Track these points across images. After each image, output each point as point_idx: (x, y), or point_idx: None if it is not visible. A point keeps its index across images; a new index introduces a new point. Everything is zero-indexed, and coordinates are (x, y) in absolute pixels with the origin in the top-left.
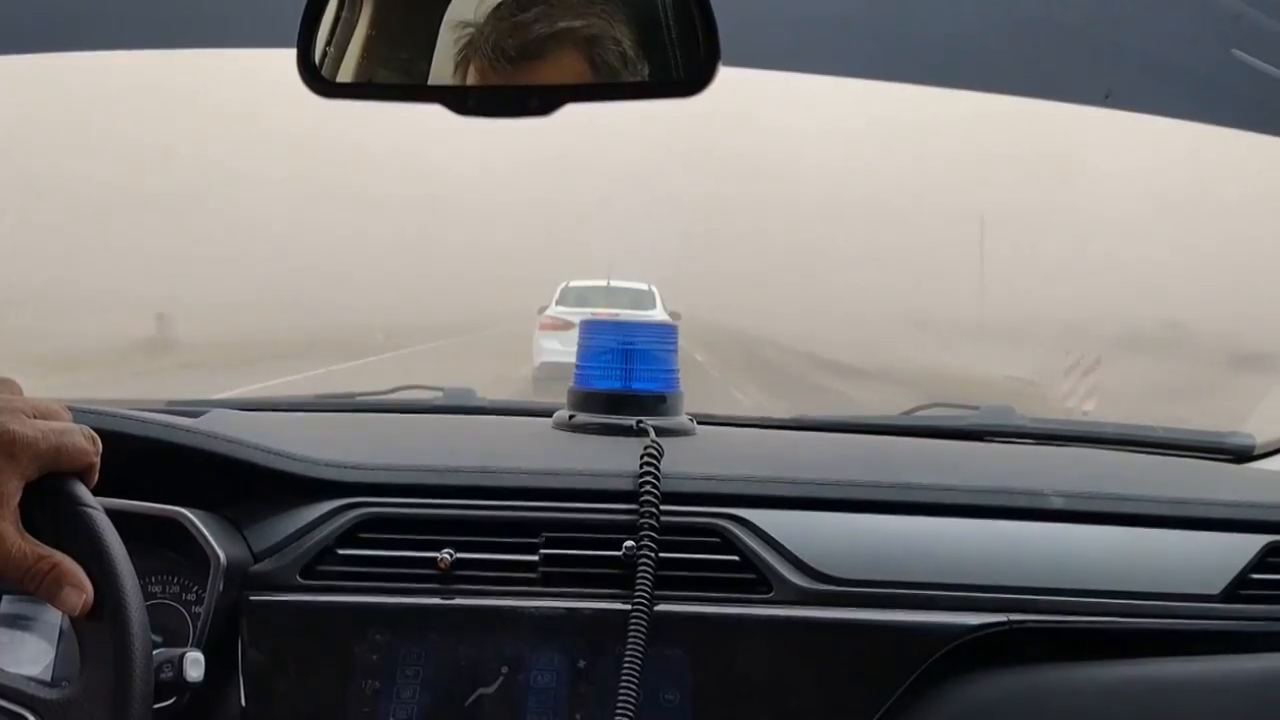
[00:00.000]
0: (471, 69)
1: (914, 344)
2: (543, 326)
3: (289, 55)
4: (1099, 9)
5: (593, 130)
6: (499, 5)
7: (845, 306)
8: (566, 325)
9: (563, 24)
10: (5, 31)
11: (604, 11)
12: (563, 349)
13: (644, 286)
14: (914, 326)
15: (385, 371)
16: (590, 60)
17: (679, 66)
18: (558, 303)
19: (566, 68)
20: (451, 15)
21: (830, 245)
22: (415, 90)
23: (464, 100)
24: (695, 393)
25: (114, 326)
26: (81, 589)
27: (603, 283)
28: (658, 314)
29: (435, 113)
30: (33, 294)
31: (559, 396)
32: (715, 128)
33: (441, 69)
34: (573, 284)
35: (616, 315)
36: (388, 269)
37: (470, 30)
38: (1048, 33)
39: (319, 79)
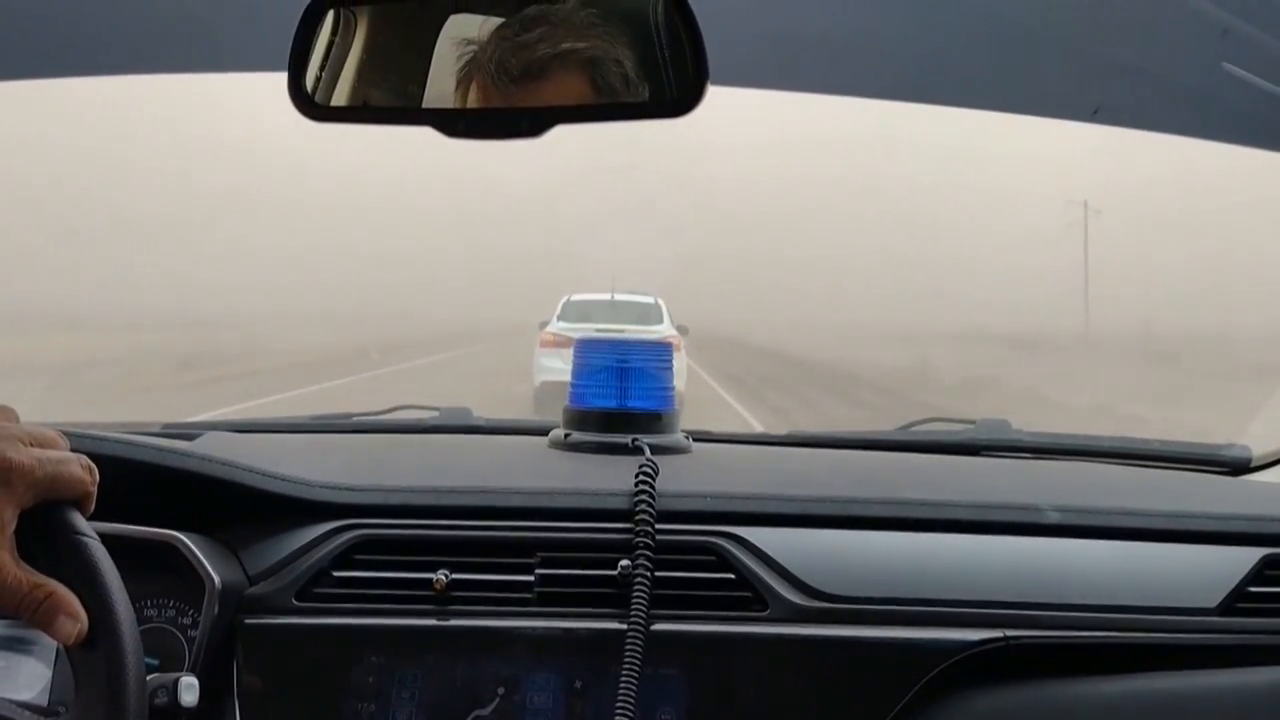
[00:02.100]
0: (473, 87)
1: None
2: (543, 344)
3: (280, 78)
4: (1087, 24)
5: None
6: (503, 25)
7: (927, 326)
8: (568, 342)
9: (566, 45)
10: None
11: (606, 34)
12: (564, 367)
13: (650, 299)
14: (1020, 348)
15: (378, 388)
16: (592, 81)
17: (670, 86)
18: (559, 318)
19: (568, 88)
20: (454, 33)
21: (907, 255)
22: (406, 113)
23: (454, 122)
24: None
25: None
26: (76, 618)
27: (606, 296)
28: (665, 329)
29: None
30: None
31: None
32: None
33: (436, 90)
34: (574, 298)
35: (621, 331)
36: (381, 284)
37: (473, 48)
38: (1035, 48)
39: (310, 103)
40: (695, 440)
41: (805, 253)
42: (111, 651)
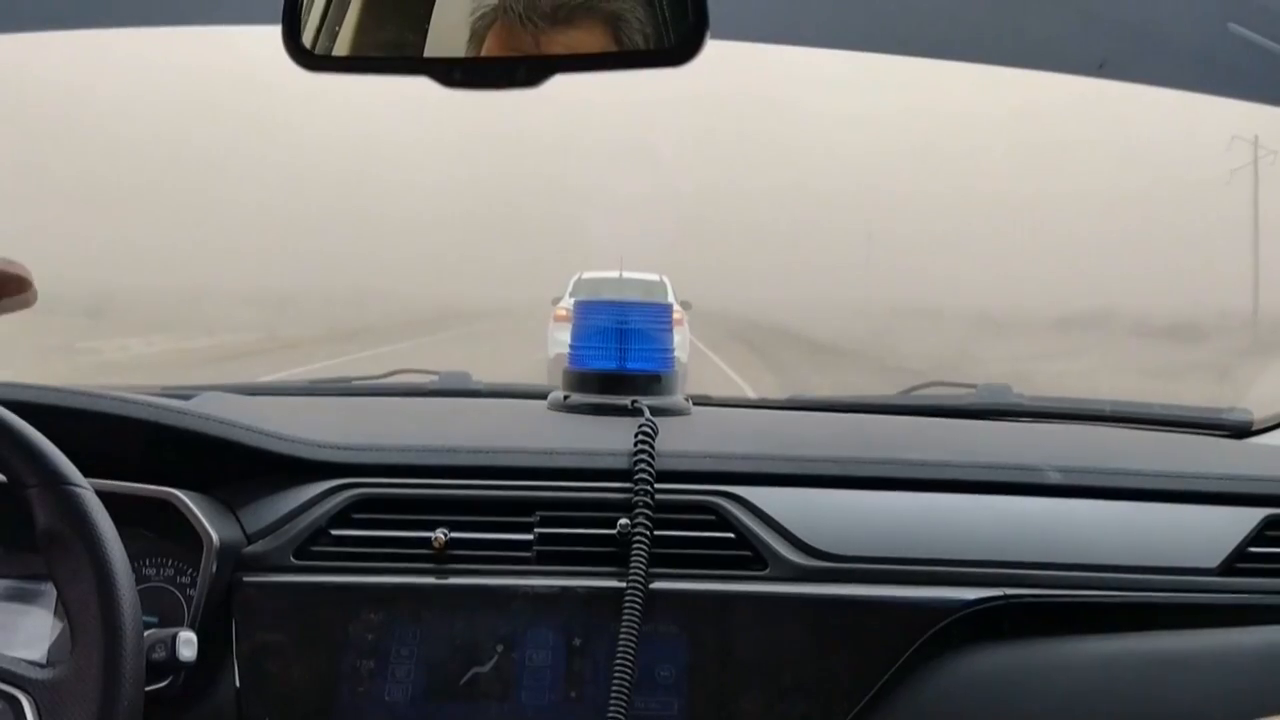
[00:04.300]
0: (493, 31)
1: None
2: (556, 318)
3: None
4: None
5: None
6: None
7: (1037, 307)
8: None
9: None
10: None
11: None
12: None
13: (655, 277)
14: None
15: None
16: (616, 39)
17: (668, 35)
18: (571, 294)
19: (592, 38)
20: None
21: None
22: (401, 62)
23: (450, 72)
24: None
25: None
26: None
27: (615, 274)
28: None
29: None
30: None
31: None
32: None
33: (434, 40)
34: (585, 275)
35: None
36: (369, 260)
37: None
38: (1040, 2)
39: (303, 52)
40: (695, 404)
41: (872, 225)
42: (108, 603)
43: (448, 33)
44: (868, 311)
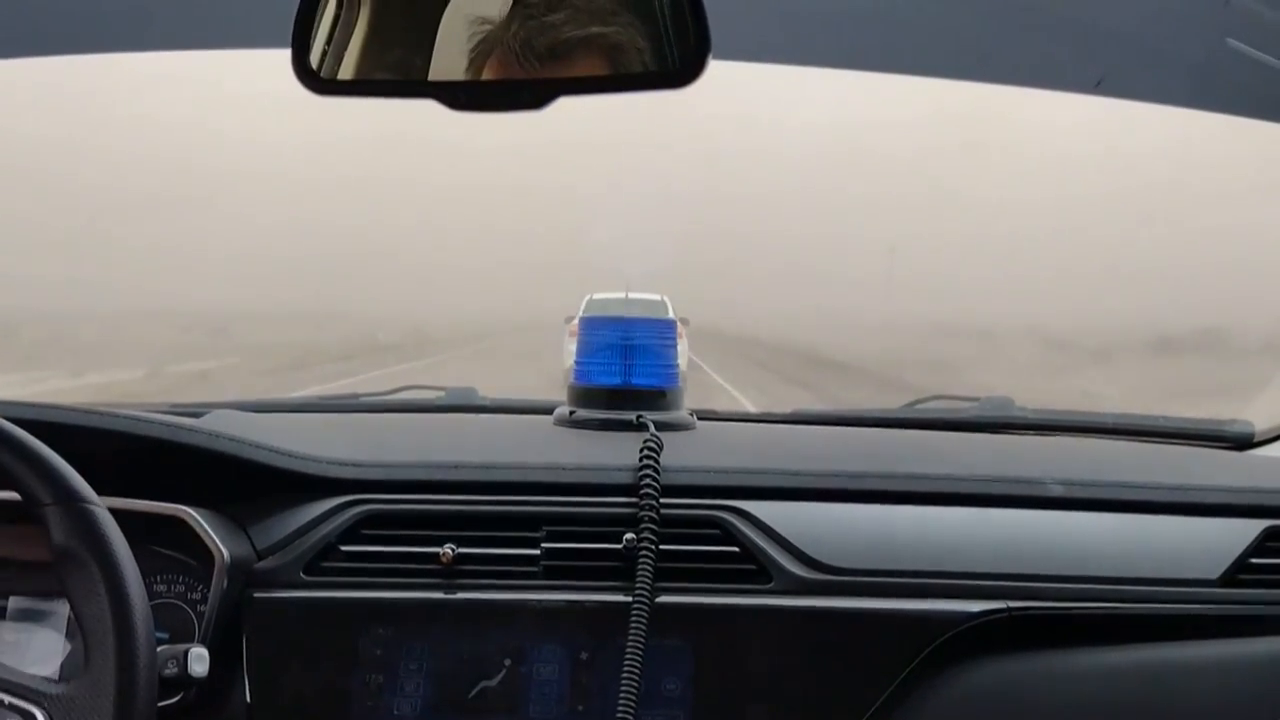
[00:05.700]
0: (490, 63)
1: None
2: (571, 333)
3: (281, 54)
4: None
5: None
6: (527, 4)
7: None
8: None
9: (594, 29)
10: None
11: (628, 21)
12: None
13: (657, 297)
14: None
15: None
16: (613, 69)
17: (673, 58)
18: (584, 312)
19: (591, 72)
20: (468, 10)
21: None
22: (409, 86)
23: (457, 95)
24: None
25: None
26: None
27: (622, 294)
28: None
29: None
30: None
31: None
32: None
33: (440, 64)
34: (596, 296)
35: None
36: (367, 278)
37: (488, 27)
38: (1037, 19)
39: (313, 76)
40: (700, 418)
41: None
42: (121, 619)
43: (452, 56)
44: (910, 330)
